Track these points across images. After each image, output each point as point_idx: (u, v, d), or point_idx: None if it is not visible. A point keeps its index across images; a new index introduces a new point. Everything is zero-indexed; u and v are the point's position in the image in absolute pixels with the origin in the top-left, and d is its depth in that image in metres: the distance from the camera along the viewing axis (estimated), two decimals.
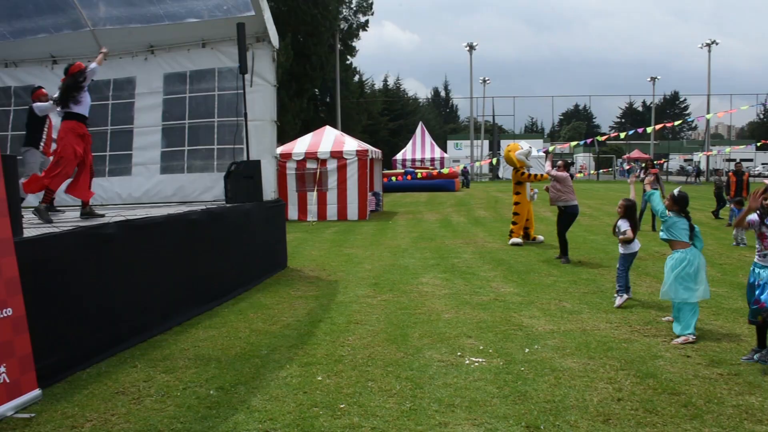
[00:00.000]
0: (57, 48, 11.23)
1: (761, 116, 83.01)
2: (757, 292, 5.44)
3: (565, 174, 11.08)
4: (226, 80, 10.79)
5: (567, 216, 11.00)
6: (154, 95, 11.04)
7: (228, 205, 9.33)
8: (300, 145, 19.95)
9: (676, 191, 6.57)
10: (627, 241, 7.81)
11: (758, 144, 42.13)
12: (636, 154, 62.97)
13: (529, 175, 13.08)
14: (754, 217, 5.50)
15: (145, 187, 10.95)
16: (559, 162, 11.72)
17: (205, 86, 10.93)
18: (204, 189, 10.82)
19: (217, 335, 6.62)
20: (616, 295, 7.78)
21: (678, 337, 6.22)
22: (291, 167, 19.29)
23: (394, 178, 29.22)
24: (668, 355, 5.81)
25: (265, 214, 10.08)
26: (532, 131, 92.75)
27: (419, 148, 44.76)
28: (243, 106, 9.97)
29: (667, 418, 4.40)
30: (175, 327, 6.91)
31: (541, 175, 12.79)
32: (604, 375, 5.26)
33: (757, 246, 5.58)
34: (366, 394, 4.88)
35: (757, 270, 5.55)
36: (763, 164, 60.63)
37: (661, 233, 6.70)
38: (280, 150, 19.44)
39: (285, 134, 31.83)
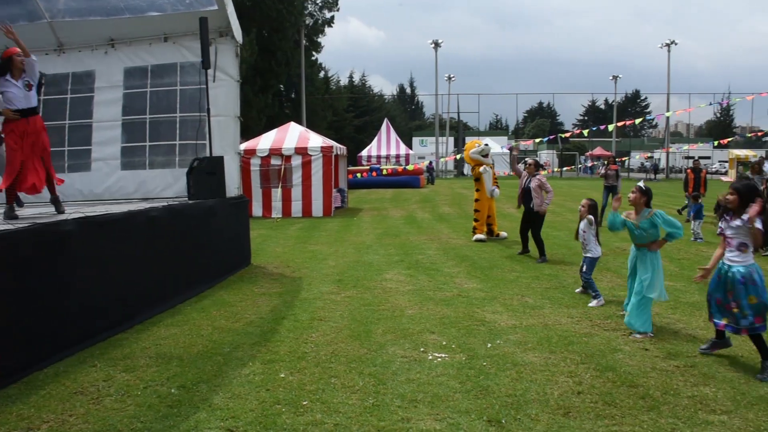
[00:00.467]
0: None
1: (718, 115, 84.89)
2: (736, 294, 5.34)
3: (541, 182, 11.03)
4: (189, 75, 10.65)
5: (539, 216, 11.06)
6: (114, 89, 10.82)
7: (190, 201, 9.21)
8: (264, 142, 19.81)
9: (641, 183, 6.63)
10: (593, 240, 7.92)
11: (715, 142, 43.08)
12: (598, 151, 63.95)
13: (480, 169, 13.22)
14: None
15: (106, 184, 10.74)
16: (529, 161, 11.82)
17: (167, 81, 10.76)
18: (166, 185, 10.67)
19: (179, 333, 6.55)
20: (594, 302, 7.72)
21: (635, 333, 6.32)
22: (255, 164, 19.15)
23: (359, 175, 29.21)
24: (627, 348, 5.92)
25: (229, 210, 9.99)
26: (496, 128, 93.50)
27: (384, 145, 44.78)
28: (206, 102, 9.84)
29: (625, 410, 4.48)
30: (136, 325, 6.81)
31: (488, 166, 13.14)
32: (564, 369, 5.33)
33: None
34: (329, 391, 4.88)
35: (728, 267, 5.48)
36: (720, 161, 62.03)
37: (640, 239, 6.53)
38: (244, 146, 19.27)
39: (249, 130, 31.56)
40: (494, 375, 5.19)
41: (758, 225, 5.17)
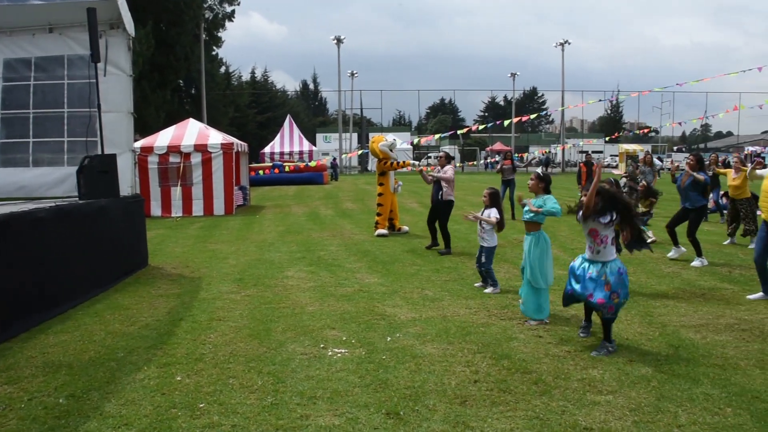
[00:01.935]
0: None
1: (609, 112, 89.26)
2: (590, 287, 5.64)
3: (450, 176, 11.36)
4: (77, 68, 10.14)
5: (446, 206, 11.30)
6: None
7: (81, 201, 8.81)
8: (162, 139, 19.19)
9: (539, 170, 6.90)
10: (500, 229, 8.09)
11: (606, 138, 45.30)
12: (498, 146, 65.84)
13: (392, 163, 13.34)
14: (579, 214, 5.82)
15: None
16: (441, 154, 12.06)
17: (53, 74, 10.21)
18: (53, 184, 10.13)
19: (70, 340, 6.25)
20: (491, 288, 8.03)
21: (530, 320, 6.57)
22: (153, 161, 18.53)
23: (261, 172, 28.76)
24: (522, 336, 6.14)
25: (123, 210, 9.61)
26: (399, 124, 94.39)
27: (288, 141, 44.42)
28: (96, 97, 9.42)
29: (519, 396, 4.65)
30: (21, 333, 6.43)
31: (403, 162, 13.32)
32: (462, 359, 5.47)
33: (588, 243, 5.81)
34: (227, 392, 4.79)
35: (586, 263, 5.78)
36: (611, 156, 65.21)
37: (530, 215, 6.72)
38: (140, 143, 18.66)
39: (148, 127, 30.53)
40: (393, 368, 5.25)
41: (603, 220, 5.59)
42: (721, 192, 15.58)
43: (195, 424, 4.24)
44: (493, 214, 7.99)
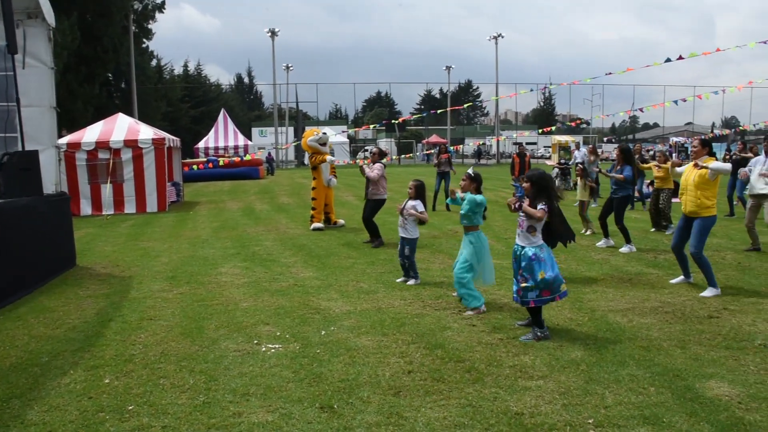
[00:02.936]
0: None
1: (542, 104, 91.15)
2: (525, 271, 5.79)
3: (376, 174, 11.35)
4: None
5: (376, 203, 11.37)
6: None
7: (1, 200, 8.43)
8: (90, 134, 18.53)
9: (470, 170, 6.99)
10: (422, 222, 8.16)
11: (539, 130, 46.26)
12: (434, 138, 66.39)
13: (318, 157, 13.28)
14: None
15: None
16: (374, 150, 12.07)
17: None
18: None
19: None
20: (413, 281, 8.10)
21: (468, 310, 6.65)
22: (81, 158, 17.88)
23: (195, 167, 28.22)
24: (456, 325, 6.21)
25: (47, 209, 9.25)
26: (336, 117, 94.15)
27: (222, 136, 43.64)
28: (14, 90, 9.03)
29: (453, 384, 4.70)
30: None
31: (322, 157, 13.31)
32: (396, 350, 5.49)
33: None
34: (157, 392, 4.68)
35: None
36: (545, 147, 66.63)
37: (464, 220, 6.89)
38: (67, 139, 18.02)
39: (76, 122, 29.48)
40: (327, 362, 5.23)
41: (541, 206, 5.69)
42: (647, 181, 16.17)
43: (123, 427, 4.12)
44: (418, 206, 8.02)
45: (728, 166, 7.74)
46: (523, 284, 5.72)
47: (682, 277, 8.01)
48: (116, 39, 39.55)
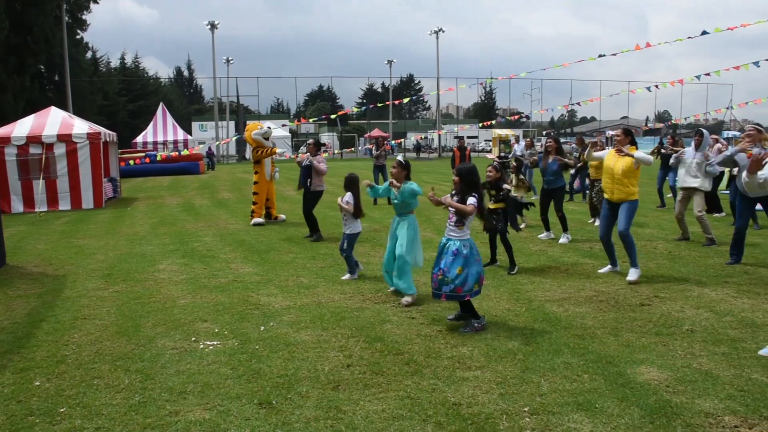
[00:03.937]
0: None
1: (483, 98, 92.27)
2: (443, 263, 5.87)
3: (324, 169, 11.36)
4: None
5: (314, 195, 11.33)
6: None
7: None
8: (20, 129, 17.83)
9: (400, 157, 7.07)
10: (352, 215, 8.13)
11: (480, 124, 46.86)
12: (376, 132, 66.44)
13: (264, 151, 13.15)
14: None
15: None
16: (309, 141, 12.02)
17: None
18: None
19: None
20: (348, 275, 8.09)
21: (405, 296, 6.72)
22: (11, 153, 17.22)
23: (132, 162, 27.45)
24: (395, 318, 6.25)
25: None
26: (278, 111, 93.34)
27: (161, 130, 42.64)
28: None
29: (391, 377, 4.73)
30: None
31: (271, 149, 13.24)
32: (335, 344, 5.49)
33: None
34: (91, 393, 4.57)
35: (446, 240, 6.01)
36: (485, 140, 67.52)
37: (403, 208, 7.04)
38: None
39: (5, 116, 28.40)
40: (266, 357, 5.20)
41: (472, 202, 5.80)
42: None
43: (54, 430, 4.00)
44: (347, 198, 8.02)
45: (650, 157, 8.18)
46: (440, 276, 5.79)
47: (609, 266, 8.26)
48: (48, 29, 38.26)
